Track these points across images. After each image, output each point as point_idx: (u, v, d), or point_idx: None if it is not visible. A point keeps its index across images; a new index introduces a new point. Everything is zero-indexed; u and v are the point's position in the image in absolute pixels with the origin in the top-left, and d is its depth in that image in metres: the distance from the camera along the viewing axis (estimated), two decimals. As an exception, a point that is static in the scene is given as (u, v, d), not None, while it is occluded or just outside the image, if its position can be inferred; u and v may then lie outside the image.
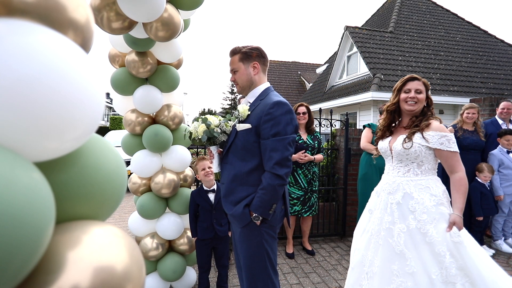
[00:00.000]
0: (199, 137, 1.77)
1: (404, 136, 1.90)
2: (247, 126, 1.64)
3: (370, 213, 2.06)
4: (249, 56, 1.73)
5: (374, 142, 2.27)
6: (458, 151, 1.82)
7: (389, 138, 2.02)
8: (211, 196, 2.42)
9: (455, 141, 1.82)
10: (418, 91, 1.92)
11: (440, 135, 1.80)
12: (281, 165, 1.55)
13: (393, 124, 2.07)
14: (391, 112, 2.04)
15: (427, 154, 1.84)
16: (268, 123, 1.57)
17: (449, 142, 1.79)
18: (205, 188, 2.43)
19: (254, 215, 1.58)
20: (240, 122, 1.71)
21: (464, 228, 1.78)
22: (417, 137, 1.85)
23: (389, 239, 1.83)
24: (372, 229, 1.97)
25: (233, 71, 1.76)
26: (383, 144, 2.04)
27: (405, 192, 1.85)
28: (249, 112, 1.70)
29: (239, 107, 1.72)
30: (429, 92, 1.96)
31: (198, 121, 1.82)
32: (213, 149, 1.82)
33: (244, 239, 1.65)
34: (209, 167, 2.38)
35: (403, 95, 1.95)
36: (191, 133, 1.83)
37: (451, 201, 1.82)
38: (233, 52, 1.75)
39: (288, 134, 1.58)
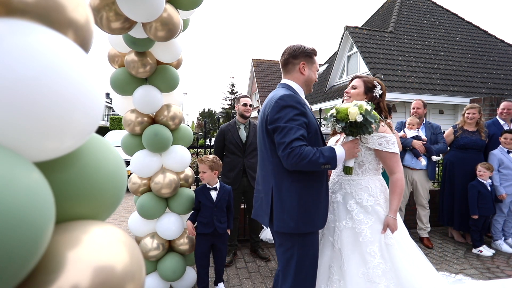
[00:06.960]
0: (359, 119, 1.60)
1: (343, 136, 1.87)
2: None
3: None
4: None
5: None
6: (398, 152, 1.82)
7: (338, 136, 2.00)
8: (213, 194, 2.45)
9: (395, 142, 1.81)
10: (353, 87, 1.92)
11: (379, 136, 1.78)
12: None
13: None
14: None
15: (367, 155, 1.83)
16: None
17: (387, 143, 1.78)
18: (208, 186, 2.46)
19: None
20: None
21: (404, 229, 1.82)
22: None
23: (330, 237, 1.86)
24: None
25: None
26: (330, 143, 2.02)
27: (345, 191, 1.86)
28: None
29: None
30: (374, 93, 1.90)
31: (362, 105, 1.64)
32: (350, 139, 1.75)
33: None
34: None
35: None
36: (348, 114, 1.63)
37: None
38: None
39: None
